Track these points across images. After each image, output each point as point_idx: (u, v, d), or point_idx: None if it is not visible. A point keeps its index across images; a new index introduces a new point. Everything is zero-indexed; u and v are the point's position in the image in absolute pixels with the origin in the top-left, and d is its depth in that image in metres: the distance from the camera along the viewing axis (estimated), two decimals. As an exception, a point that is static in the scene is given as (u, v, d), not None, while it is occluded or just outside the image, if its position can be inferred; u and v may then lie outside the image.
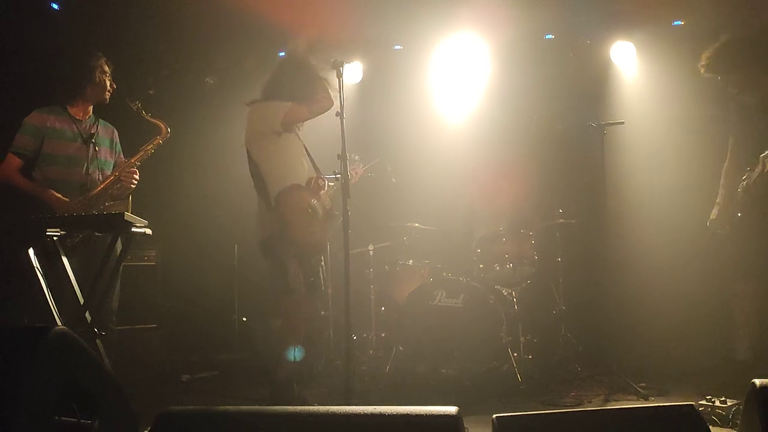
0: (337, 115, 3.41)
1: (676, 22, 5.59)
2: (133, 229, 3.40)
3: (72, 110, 3.86)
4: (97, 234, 3.76)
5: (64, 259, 3.49)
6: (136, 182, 3.82)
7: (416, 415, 1.81)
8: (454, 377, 4.46)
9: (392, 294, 5.13)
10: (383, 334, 5.09)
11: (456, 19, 5.61)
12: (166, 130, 3.89)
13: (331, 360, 5.18)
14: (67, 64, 3.91)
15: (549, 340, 4.97)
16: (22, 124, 3.74)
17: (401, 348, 4.63)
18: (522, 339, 4.66)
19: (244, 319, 6.02)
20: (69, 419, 2.03)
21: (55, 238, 3.46)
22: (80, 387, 2.10)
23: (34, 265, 3.29)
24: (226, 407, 1.94)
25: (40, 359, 1.90)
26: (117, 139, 4.06)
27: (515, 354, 4.51)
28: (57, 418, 1.99)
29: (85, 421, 2.09)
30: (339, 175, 3.40)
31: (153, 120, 3.88)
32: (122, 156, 4.04)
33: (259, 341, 5.77)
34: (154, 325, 5.14)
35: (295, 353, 3.44)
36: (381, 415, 1.80)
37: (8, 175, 3.63)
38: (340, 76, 3.49)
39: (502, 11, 5.47)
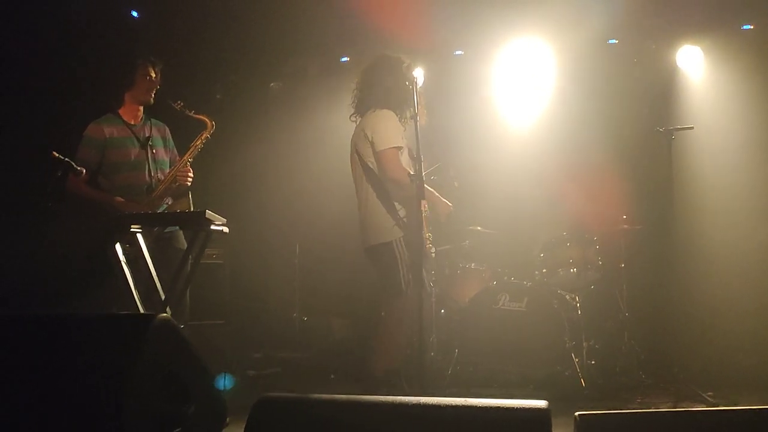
0: (411, 118, 3.49)
1: (745, 26, 5.49)
2: (213, 227, 3.54)
3: (124, 115, 3.96)
4: (165, 232, 3.91)
5: (147, 256, 3.65)
6: (191, 179, 3.89)
7: (507, 407, 1.86)
8: (517, 380, 4.47)
9: (453, 297, 5.16)
10: (444, 337, 5.12)
11: (518, 24, 5.63)
12: (211, 124, 3.91)
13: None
14: (110, 69, 4.03)
15: (612, 346, 4.92)
16: (82, 137, 3.86)
17: (462, 351, 4.67)
18: (585, 344, 4.63)
19: (305, 318, 6.14)
20: (170, 403, 2.14)
21: (138, 234, 3.64)
22: (178, 373, 2.22)
23: (121, 259, 3.47)
24: (321, 395, 2.02)
25: (148, 344, 2.02)
26: (169, 136, 4.14)
27: (578, 359, 4.49)
28: (159, 402, 2.10)
29: (184, 406, 2.20)
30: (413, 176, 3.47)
31: (197, 116, 3.91)
32: (176, 152, 4.12)
33: (319, 340, 5.90)
34: (221, 322, 5.29)
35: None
36: (473, 407, 1.86)
37: (77, 187, 3.73)
38: (413, 79, 3.56)
39: (564, 16, 5.47)
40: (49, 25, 4.33)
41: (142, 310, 3.42)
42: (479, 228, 5.29)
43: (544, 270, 4.85)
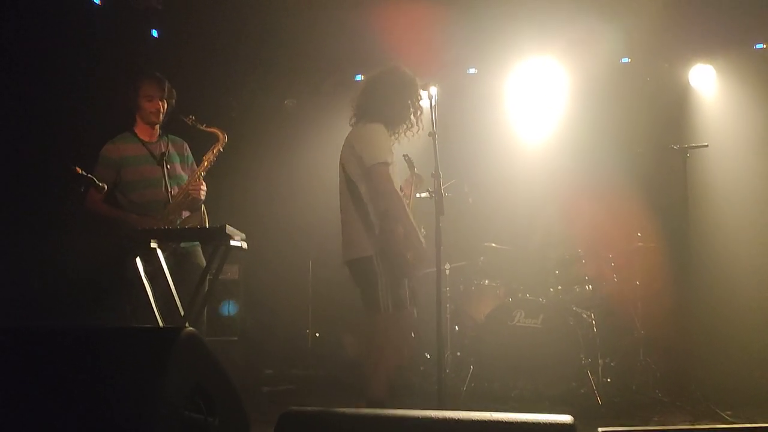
0: (429, 135, 3.50)
1: (758, 46, 5.53)
2: (231, 242, 3.57)
3: (140, 134, 3.99)
4: (182, 248, 3.94)
5: (166, 271, 3.69)
6: (204, 192, 3.89)
7: (533, 423, 1.86)
8: (533, 397, 4.46)
9: (468, 313, 5.17)
10: (458, 354, 5.12)
11: (530, 42, 5.69)
12: (223, 136, 3.91)
13: (406, 378, 5.23)
14: (119, 91, 4.05)
15: (627, 364, 4.90)
16: (98, 157, 3.91)
17: (477, 368, 4.67)
18: (600, 362, 4.62)
19: (317, 334, 6.16)
20: (196, 415, 2.16)
21: (158, 250, 3.68)
22: (204, 385, 2.24)
23: (142, 274, 3.50)
24: (346, 409, 2.03)
25: (175, 357, 2.04)
26: (188, 152, 4.15)
27: (593, 377, 4.48)
28: (187, 413, 2.12)
29: (209, 418, 2.22)
30: (432, 192, 3.48)
31: (209, 129, 3.92)
32: (195, 167, 4.11)
33: (332, 357, 5.90)
34: (235, 338, 5.32)
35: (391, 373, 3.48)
36: (499, 422, 1.86)
37: (95, 204, 3.77)
38: (430, 97, 3.58)
39: (577, 35, 5.53)
40: (70, 44, 4.41)
41: (162, 325, 3.44)
42: (494, 244, 5.30)
43: (559, 287, 4.86)
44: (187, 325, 3.49)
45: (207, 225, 3.84)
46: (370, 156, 3.45)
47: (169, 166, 3.93)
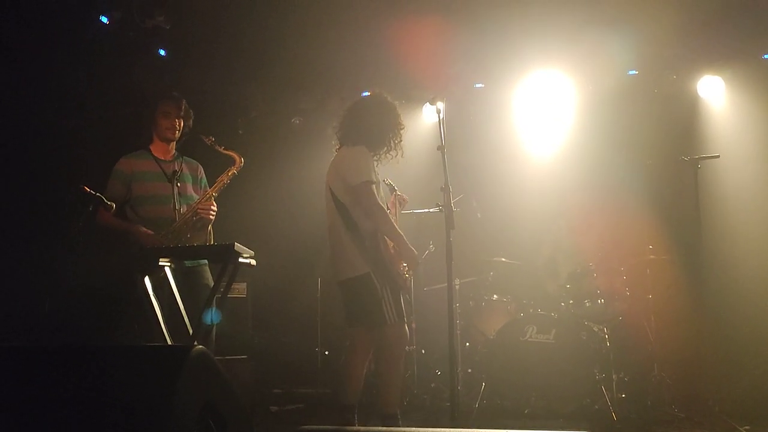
0: (438, 149, 3.50)
1: (766, 56, 5.50)
2: (240, 260, 3.54)
3: (155, 152, 4.04)
4: (190, 266, 3.92)
5: (174, 289, 3.66)
6: (214, 213, 3.91)
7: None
8: (547, 414, 4.39)
9: (479, 329, 5.12)
10: (470, 370, 5.06)
11: (537, 56, 5.68)
12: (239, 160, 3.97)
13: (416, 395, 5.17)
14: (137, 109, 4.12)
15: (642, 379, 4.82)
16: (112, 171, 3.96)
17: (489, 384, 4.60)
18: (614, 377, 4.55)
19: (327, 352, 6.09)
20: (207, 434, 2.12)
21: (166, 268, 3.65)
22: (213, 403, 2.20)
23: (150, 292, 3.47)
24: (359, 427, 1.99)
25: (185, 376, 2.01)
26: (202, 174, 4.20)
27: (608, 392, 4.41)
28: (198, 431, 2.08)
29: (220, 438, 2.18)
30: (442, 207, 3.47)
31: (227, 152, 3.98)
32: (208, 189, 4.15)
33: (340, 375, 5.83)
34: (244, 357, 5.26)
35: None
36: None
37: (105, 218, 3.77)
38: (438, 111, 3.59)
39: (584, 48, 5.51)
40: (79, 63, 4.43)
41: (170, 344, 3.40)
42: (503, 259, 5.26)
43: (571, 301, 4.80)
44: (196, 343, 3.47)
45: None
46: (354, 176, 3.54)
47: (179, 185, 3.95)
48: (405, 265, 3.66)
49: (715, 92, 5.61)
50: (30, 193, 4.22)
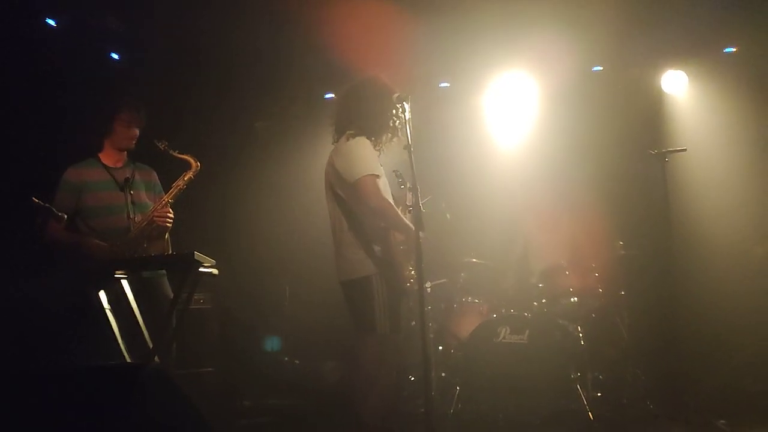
0: (405, 148, 3.35)
1: (727, 49, 5.54)
2: (201, 269, 3.39)
3: (105, 159, 3.86)
4: (144, 276, 3.72)
5: (132, 302, 3.49)
6: (171, 220, 3.70)
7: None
8: (523, 416, 4.31)
9: (452, 332, 5.02)
10: (443, 374, 4.95)
11: (501, 55, 5.63)
12: (196, 164, 3.76)
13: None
14: (89, 116, 3.94)
15: (616, 377, 4.78)
16: (59, 182, 3.75)
17: (463, 388, 4.51)
18: (589, 375, 4.50)
19: (296, 362, 5.94)
20: (164, 458, 1.97)
21: (123, 280, 3.48)
22: (173, 426, 2.05)
23: (105, 307, 3.30)
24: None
25: (140, 395, 1.86)
26: (156, 180, 4.01)
27: (584, 392, 4.35)
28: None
29: (179, 461, 2.03)
30: (410, 208, 3.34)
31: (181, 156, 3.76)
32: (164, 195, 3.96)
33: (312, 386, 5.68)
34: (210, 369, 5.09)
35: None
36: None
37: (53, 234, 3.58)
38: (404, 110, 3.44)
39: (547, 45, 5.47)
40: (25, 67, 4.22)
41: (128, 360, 3.24)
42: (474, 259, 5.17)
43: (544, 300, 4.74)
44: (155, 359, 3.30)
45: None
46: (352, 171, 3.31)
47: (132, 193, 3.77)
48: (411, 269, 3.43)
49: (679, 86, 5.65)
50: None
